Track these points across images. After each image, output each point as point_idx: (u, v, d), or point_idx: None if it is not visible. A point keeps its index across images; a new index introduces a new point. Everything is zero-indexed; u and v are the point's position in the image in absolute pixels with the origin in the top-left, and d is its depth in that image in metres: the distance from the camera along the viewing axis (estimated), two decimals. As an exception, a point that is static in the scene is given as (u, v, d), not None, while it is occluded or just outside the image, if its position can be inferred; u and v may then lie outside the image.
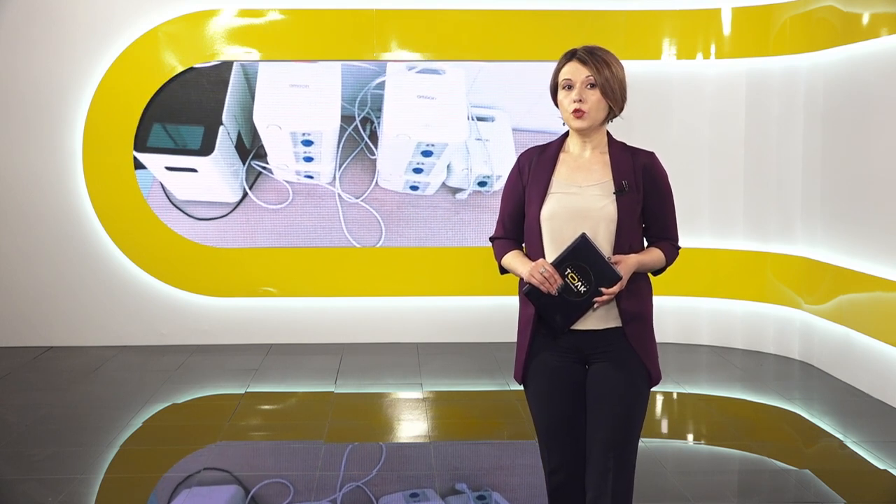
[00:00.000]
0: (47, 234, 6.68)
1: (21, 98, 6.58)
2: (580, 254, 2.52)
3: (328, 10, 6.66)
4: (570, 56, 2.67)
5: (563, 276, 2.54)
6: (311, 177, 6.78)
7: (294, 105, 6.71)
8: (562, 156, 2.72)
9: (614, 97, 2.64)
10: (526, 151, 2.79)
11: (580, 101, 2.62)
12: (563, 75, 2.66)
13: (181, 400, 5.52)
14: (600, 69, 2.61)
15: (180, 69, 6.59)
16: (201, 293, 6.79)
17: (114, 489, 4.10)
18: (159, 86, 6.59)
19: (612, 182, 2.64)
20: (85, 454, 4.45)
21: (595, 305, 2.58)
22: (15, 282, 6.70)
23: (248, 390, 5.63)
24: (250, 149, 6.72)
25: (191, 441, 4.74)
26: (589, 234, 2.55)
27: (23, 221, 6.66)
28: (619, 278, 2.54)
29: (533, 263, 2.61)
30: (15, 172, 6.62)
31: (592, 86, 2.62)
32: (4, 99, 6.58)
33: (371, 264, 6.83)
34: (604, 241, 2.60)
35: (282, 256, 6.80)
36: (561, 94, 2.67)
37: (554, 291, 2.55)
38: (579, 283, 2.53)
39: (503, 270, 2.81)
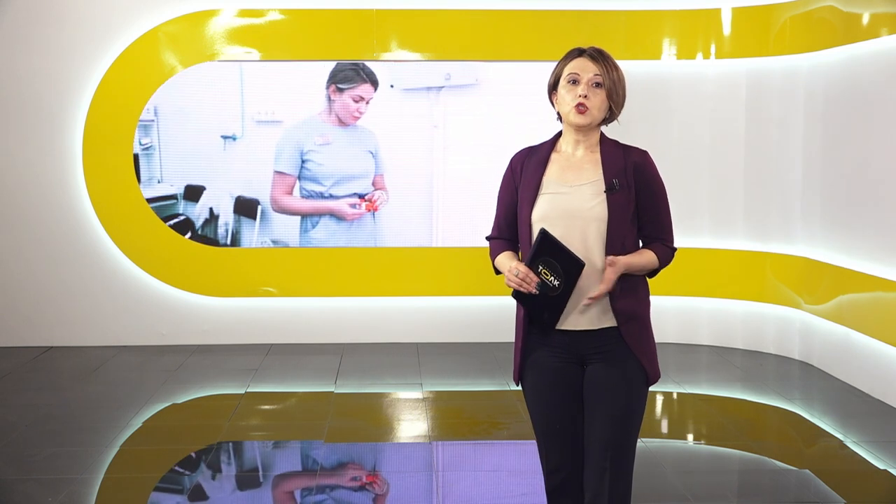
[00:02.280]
0: (47, 234, 6.67)
1: (21, 98, 6.58)
2: (545, 249, 2.54)
3: (328, 10, 6.66)
4: (578, 53, 2.66)
5: (538, 274, 2.56)
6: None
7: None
8: (553, 155, 2.71)
9: (617, 101, 2.64)
10: (518, 153, 2.78)
11: (585, 96, 2.61)
12: (569, 69, 2.64)
13: (181, 400, 5.52)
14: (609, 70, 2.62)
15: (181, 69, 6.60)
16: (201, 293, 6.79)
17: (114, 489, 4.10)
18: (159, 86, 6.59)
19: (602, 181, 2.63)
20: (85, 454, 4.45)
21: (584, 303, 2.58)
22: (15, 282, 6.69)
23: (248, 390, 5.63)
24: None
25: (191, 441, 4.74)
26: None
27: (23, 221, 6.66)
28: (582, 264, 2.53)
29: (509, 266, 2.61)
30: (15, 172, 6.62)
31: (598, 85, 2.61)
32: (4, 99, 6.58)
33: (371, 264, 6.83)
34: (595, 241, 2.59)
35: (281, 256, 6.80)
36: (564, 88, 2.65)
37: (533, 290, 2.56)
38: (552, 278, 2.55)
39: (497, 271, 2.81)
